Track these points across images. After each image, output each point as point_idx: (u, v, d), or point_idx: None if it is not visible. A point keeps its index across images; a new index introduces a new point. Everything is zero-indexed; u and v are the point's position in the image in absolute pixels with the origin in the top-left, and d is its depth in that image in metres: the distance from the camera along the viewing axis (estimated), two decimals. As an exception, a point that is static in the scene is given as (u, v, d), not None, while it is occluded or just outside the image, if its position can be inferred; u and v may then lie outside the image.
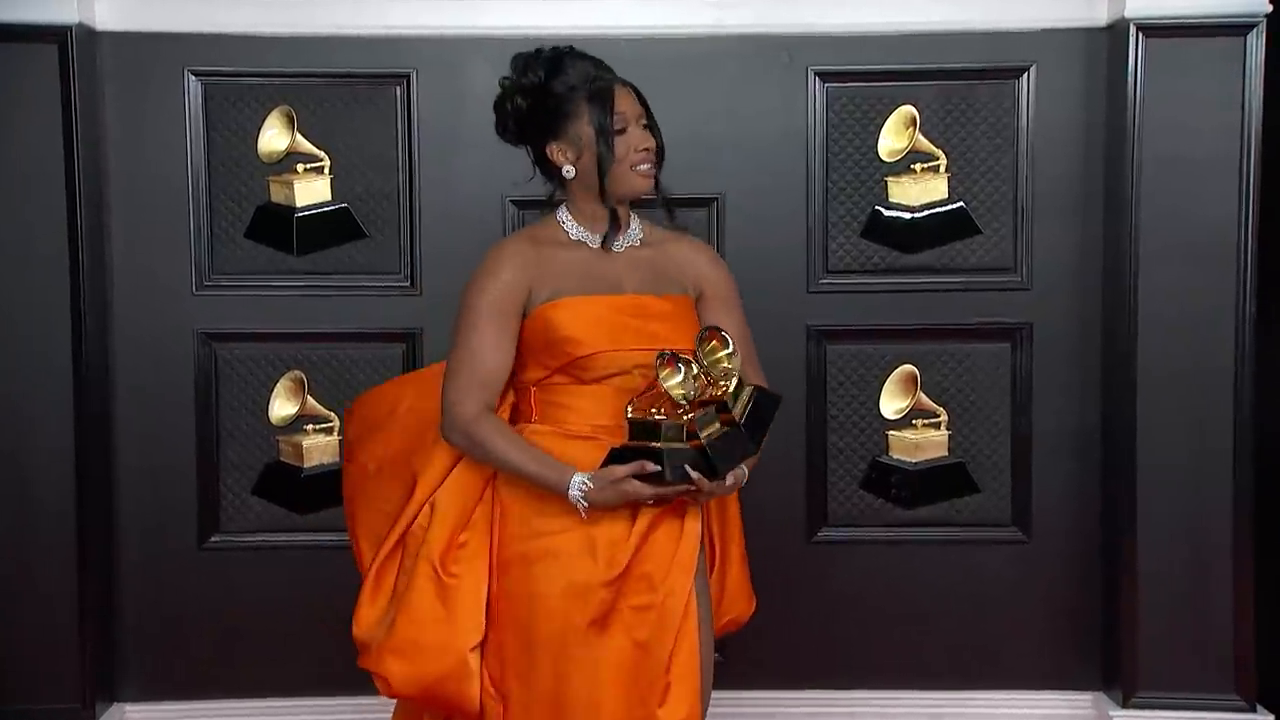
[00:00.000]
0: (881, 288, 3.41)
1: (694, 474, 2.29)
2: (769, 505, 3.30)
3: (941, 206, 3.40)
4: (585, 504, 2.33)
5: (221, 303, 3.40)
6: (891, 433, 3.46)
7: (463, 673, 2.40)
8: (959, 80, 3.37)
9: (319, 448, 3.45)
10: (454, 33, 3.34)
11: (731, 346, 2.31)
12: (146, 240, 3.37)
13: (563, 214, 2.46)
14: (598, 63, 2.45)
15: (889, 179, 3.40)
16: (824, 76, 3.37)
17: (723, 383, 2.30)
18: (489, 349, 2.39)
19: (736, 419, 2.31)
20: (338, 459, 3.25)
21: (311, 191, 3.38)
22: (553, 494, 2.36)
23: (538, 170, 2.47)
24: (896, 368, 3.44)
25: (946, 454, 3.45)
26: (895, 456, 3.46)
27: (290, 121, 3.36)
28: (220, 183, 3.38)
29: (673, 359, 2.26)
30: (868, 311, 3.41)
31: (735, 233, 3.37)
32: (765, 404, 2.38)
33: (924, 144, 3.39)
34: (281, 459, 3.46)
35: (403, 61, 3.35)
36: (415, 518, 2.45)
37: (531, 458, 2.37)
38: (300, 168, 3.37)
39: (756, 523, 3.15)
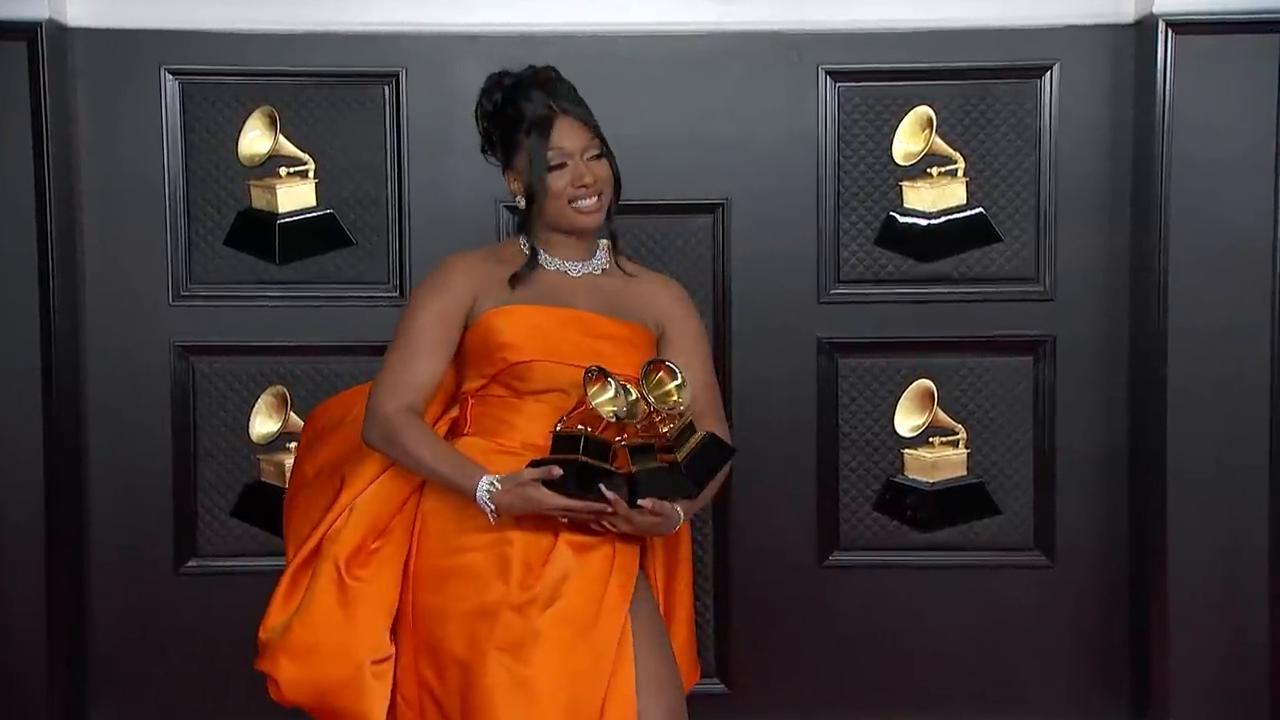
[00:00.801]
0: (896, 298, 3.35)
1: (608, 493, 2.25)
2: (777, 528, 3.32)
3: (959, 213, 3.34)
4: (491, 507, 2.30)
5: (200, 314, 3.34)
6: (907, 451, 3.40)
7: (360, 684, 2.36)
8: (978, 79, 3.30)
9: (302, 467, 3.33)
10: (444, 29, 3.27)
11: (680, 379, 2.29)
12: (121, 247, 3.30)
13: (524, 238, 2.50)
14: (556, 90, 2.45)
15: (904, 184, 3.34)
16: (835, 75, 3.31)
17: (669, 424, 2.28)
18: (423, 355, 2.40)
19: (678, 460, 2.28)
20: (320, 477, 3.22)
21: (295, 197, 3.32)
22: (473, 511, 2.33)
23: None
24: (912, 383, 3.38)
25: (965, 474, 3.39)
26: (911, 476, 3.41)
27: (272, 123, 3.30)
28: (198, 187, 3.32)
29: (601, 374, 2.25)
30: (882, 323, 3.35)
31: (741, 240, 3.32)
32: (714, 452, 2.34)
33: (941, 146, 3.33)
34: (263, 479, 3.39)
35: (391, 60, 3.28)
36: (334, 522, 2.42)
37: (444, 458, 2.35)
38: (283, 171, 3.32)
39: (764, 546, 3.32)
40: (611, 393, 2.27)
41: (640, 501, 2.28)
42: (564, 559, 2.33)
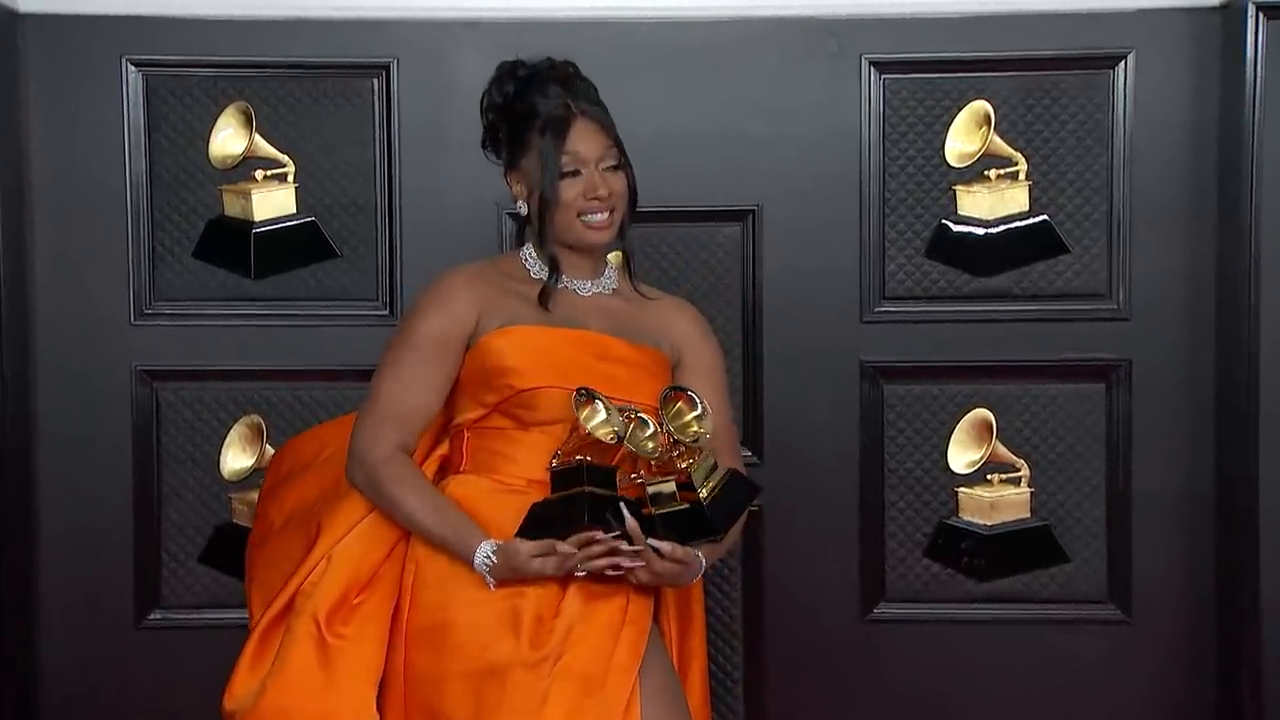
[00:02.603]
0: (949, 316, 3.28)
1: (630, 518, 2.21)
2: (815, 576, 3.27)
3: (1021, 220, 3.27)
4: (492, 581, 2.26)
5: (165, 334, 3.27)
6: (962, 490, 3.31)
7: None
8: (1042, 70, 3.23)
9: (279, 507, 3.35)
10: (441, 15, 3.22)
11: (701, 409, 2.25)
12: (76, 260, 3.24)
13: (526, 250, 2.46)
14: (575, 88, 2.41)
15: (958, 188, 3.26)
16: (880, 66, 3.23)
17: (688, 459, 2.25)
18: (417, 383, 2.34)
19: (700, 500, 2.25)
20: (301, 521, 3.28)
21: (272, 203, 3.26)
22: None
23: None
24: (968, 412, 3.30)
25: (1028, 516, 3.30)
26: (967, 519, 3.31)
27: (247, 120, 3.23)
28: (164, 192, 3.26)
29: (590, 397, 2.23)
30: (933, 345, 3.27)
31: (774, 252, 3.24)
32: (738, 491, 2.32)
33: (1000, 146, 3.25)
34: (235, 521, 3.30)
35: (381, 49, 3.22)
36: (310, 574, 2.35)
37: (438, 515, 2.30)
38: (259, 175, 3.26)
39: (800, 597, 3.26)
40: (603, 414, 2.23)
41: (658, 545, 2.23)
42: (573, 608, 2.28)
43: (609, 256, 2.50)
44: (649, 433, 2.25)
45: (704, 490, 2.25)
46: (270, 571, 2.44)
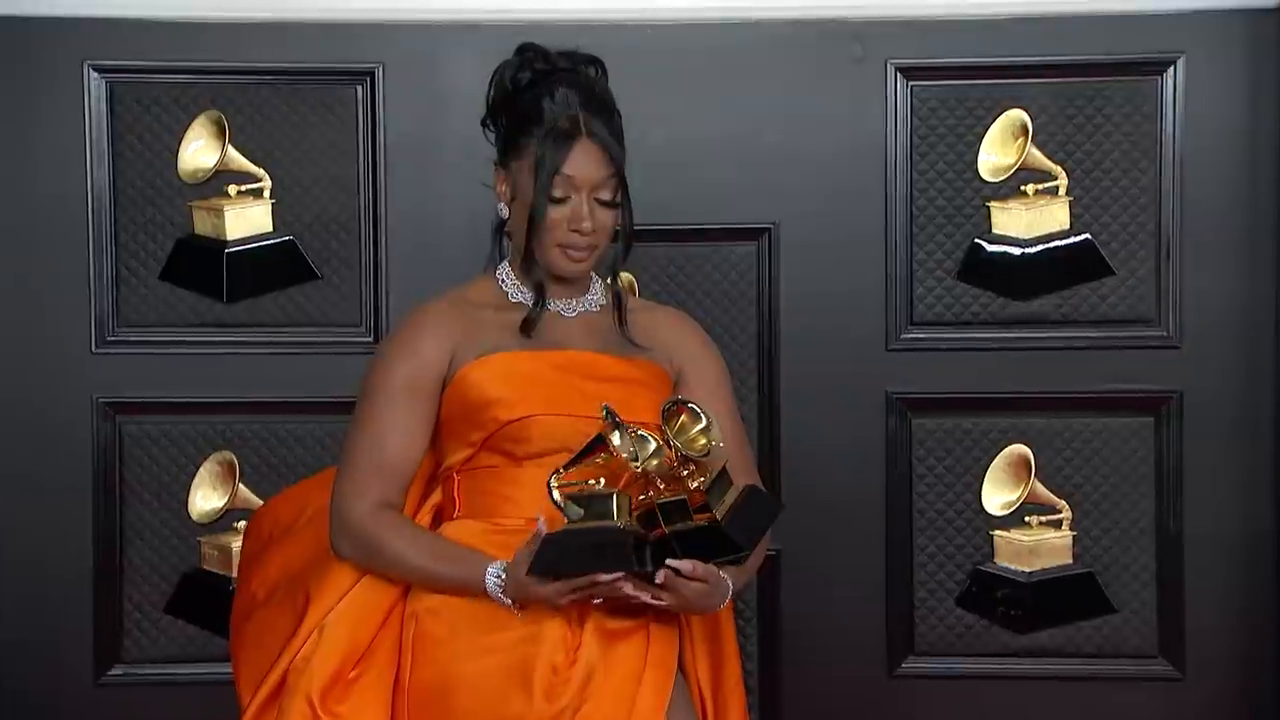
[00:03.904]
0: (983, 344, 3.21)
1: (678, 564, 2.13)
2: (838, 628, 3.20)
3: (1061, 240, 3.21)
4: (507, 601, 2.19)
5: (128, 363, 3.21)
6: (998, 534, 3.23)
7: None
8: (1084, 77, 3.17)
9: (253, 552, 3.38)
10: (432, 17, 3.16)
11: (705, 420, 2.19)
12: (33, 282, 3.19)
13: (503, 270, 2.39)
14: (589, 100, 2.32)
15: (992, 204, 3.20)
16: (907, 72, 3.18)
17: (699, 477, 2.18)
18: (395, 433, 2.29)
19: (718, 519, 2.17)
20: (277, 566, 3.35)
21: (247, 220, 3.22)
22: (476, 609, 2.22)
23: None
24: (1004, 449, 3.22)
25: (1070, 562, 3.23)
26: (1003, 565, 3.24)
27: (220, 131, 3.19)
28: (129, 209, 3.20)
29: (613, 419, 2.18)
30: (965, 375, 3.21)
31: (792, 274, 3.18)
32: (758, 506, 2.25)
33: (1038, 159, 3.19)
34: (205, 567, 3.23)
35: (366, 54, 3.17)
36: (300, 648, 2.28)
37: (437, 554, 2.24)
38: (233, 190, 3.21)
39: (821, 651, 3.21)
40: (619, 439, 2.17)
41: (677, 564, 2.14)
42: (591, 653, 2.20)
43: (622, 276, 2.46)
44: (652, 449, 2.19)
45: (720, 507, 2.18)
46: (258, 650, 2.36)
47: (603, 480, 2.20)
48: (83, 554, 3.17)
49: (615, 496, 2.18)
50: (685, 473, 2.20)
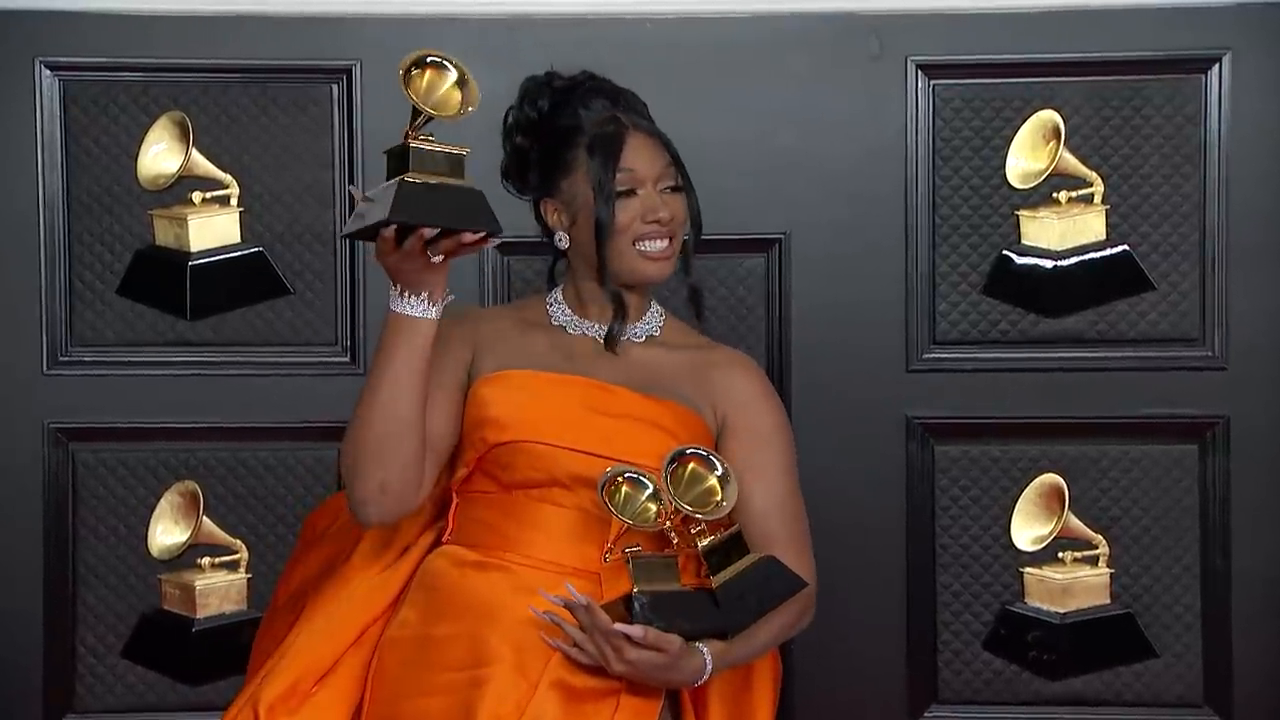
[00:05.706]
0: (1012, 365, 3.14)
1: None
2: (856, 673, 3.14)
3: (1097, 251, 3.13)
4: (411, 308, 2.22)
5: (83, 385, 3.14)
6: (1028, 571, 3.15)
7: None
8: (1121, 75, 3.10)
9: (218, 591, 3.22)
10: (414, 10, 3.11)
11: (722, 470, 2.14)
12: None
13: (554, 296, 2.37)
14: (622, 100, 2.35)
15: (1022, 213, 3.13)
16: (929, 70, 3.10)
17: (709, 536, 2.12)
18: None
19: (711, 586, 2.12)
20: (245, 605, 3.17)
21: (212, 230, 3.16)
22: (443, 636, 2.19)
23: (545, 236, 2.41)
24: (1034, 479, 3.14)
25: (1108, 602, 3.14)
26: (1034, 604, 3.16)
27: (184, 133, 3.13)
28: (85, 218, 3.14)
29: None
30: (993, 399, 3.13)
31: (805, 288, 3.12)
32: (771, 581, 2.16)
33: (1072, 164, 3.11)
34: (165, 607, 3.16)
35: (343, 49, 3.11)
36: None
37: (371, 373, 2.18)
38: (197, 197, 3.15)
39: (838, 700, 3.19)
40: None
41: (626, 629, 2.07)
42: (543, 710, 2.13)
43: (653, 301, 2.41)
44: (648, 493, 2.13)
45: (722, 575, 2.11)
46: (262, 658, 2.36)
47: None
48: (32, 593, 3.09)
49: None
50: (694, 529, 2.13)
